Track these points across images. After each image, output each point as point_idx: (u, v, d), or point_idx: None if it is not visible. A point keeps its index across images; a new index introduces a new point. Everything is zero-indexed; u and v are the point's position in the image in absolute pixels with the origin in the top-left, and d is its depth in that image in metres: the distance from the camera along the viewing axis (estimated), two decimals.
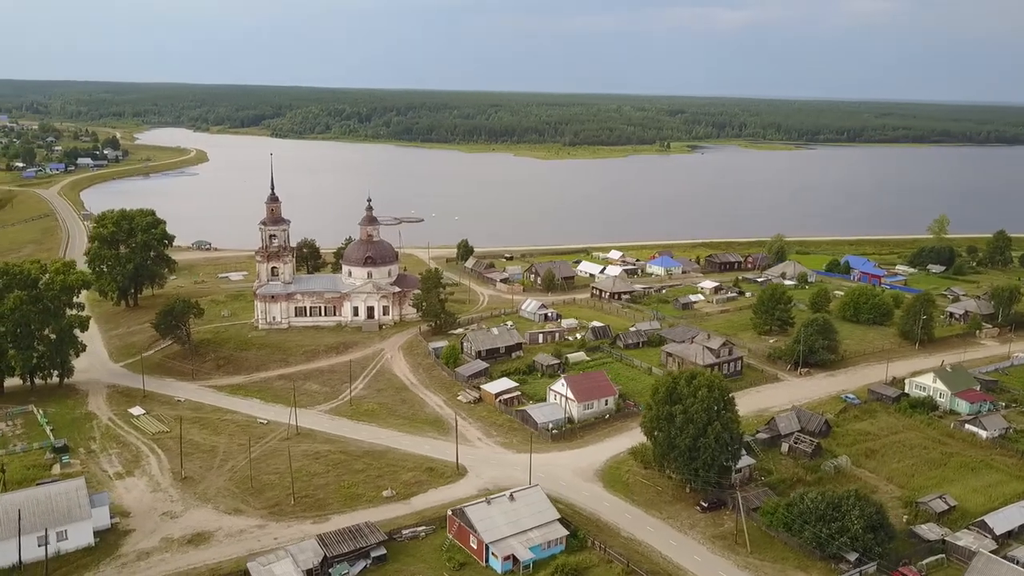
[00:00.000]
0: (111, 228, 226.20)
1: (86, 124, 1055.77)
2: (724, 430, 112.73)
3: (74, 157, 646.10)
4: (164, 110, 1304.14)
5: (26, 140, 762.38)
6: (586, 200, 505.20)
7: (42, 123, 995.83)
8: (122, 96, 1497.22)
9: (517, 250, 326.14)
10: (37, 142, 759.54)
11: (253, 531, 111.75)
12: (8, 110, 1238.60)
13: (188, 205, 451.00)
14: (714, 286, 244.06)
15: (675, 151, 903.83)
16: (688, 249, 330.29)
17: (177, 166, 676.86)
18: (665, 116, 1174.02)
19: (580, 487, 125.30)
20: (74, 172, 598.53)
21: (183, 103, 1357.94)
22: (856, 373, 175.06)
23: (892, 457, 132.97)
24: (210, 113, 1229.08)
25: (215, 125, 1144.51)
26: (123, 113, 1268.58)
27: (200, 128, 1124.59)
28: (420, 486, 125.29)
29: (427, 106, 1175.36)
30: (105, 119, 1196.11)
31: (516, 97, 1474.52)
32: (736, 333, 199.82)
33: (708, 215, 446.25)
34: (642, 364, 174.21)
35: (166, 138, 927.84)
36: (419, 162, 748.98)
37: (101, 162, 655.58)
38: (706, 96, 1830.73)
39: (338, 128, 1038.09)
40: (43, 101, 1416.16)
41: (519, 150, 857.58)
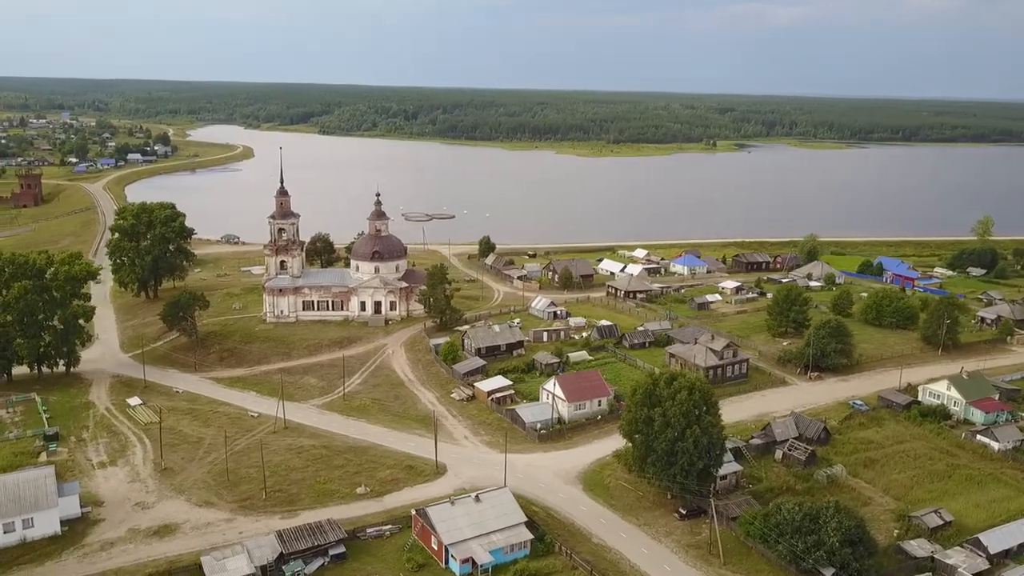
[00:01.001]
0: (131, 220, 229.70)
1: (142, 121, 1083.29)
2: (704, 434, 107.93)
3: (124, 153, 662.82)
4: (218, 107, 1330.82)
5: (82, 136, 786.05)
6: (620, 198, 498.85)
7: (100, 120, 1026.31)
8: (179, 94, 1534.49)
9: (542, 247, 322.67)
10: (93, 138, 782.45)
11: (220, 525, 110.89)
12: (71, 107, 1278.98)
13: (225, 200, 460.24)
14: (735, 286, 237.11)
15: (721, 149, 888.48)
16: (719, 248, 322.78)
17: (222, 162, 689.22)
18: (714, 114, 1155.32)
19: (559, 489, 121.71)
20: (123, 167, 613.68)
21: (236, 101, 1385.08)
22: (870, 379, 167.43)
23: (893, 467, 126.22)
24: (261, 110, 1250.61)
25: (266, 122, 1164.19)
26: (179, 111, 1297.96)
27: (251, 125, 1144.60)
28: (396, 484, 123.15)
29: (474, 104, 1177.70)
30: (161, 116, 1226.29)
31: (564, 95, 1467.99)
32: (750, 335, 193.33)
33: (744, 214, 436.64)
34: (645, 365, 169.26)
35: (217, 135, 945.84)
36: (460, 159, 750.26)
37: (150, 158, 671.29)
38: (757, 94, 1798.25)
39: (384, 125, 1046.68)
40: (104, 99, 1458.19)
41: (562, 148, 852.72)
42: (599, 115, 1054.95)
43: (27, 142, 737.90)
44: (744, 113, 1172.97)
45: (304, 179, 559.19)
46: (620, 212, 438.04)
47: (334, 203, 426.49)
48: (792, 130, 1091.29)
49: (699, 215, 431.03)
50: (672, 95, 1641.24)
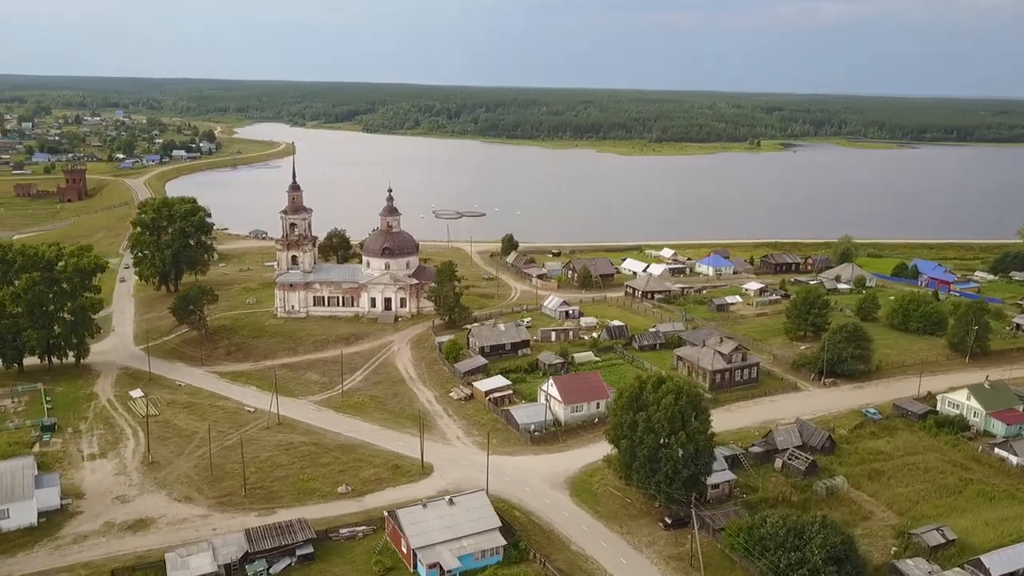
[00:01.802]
0: (151, 215, 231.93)
1: (192, 119, 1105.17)
2: (689, 441, 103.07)
3: (170, 149, 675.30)
4: (266, 106, 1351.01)
5: (132, 133, 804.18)
6: (654, 197, 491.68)
7: (151, 117, 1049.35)
8: (229, 92, 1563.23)
9: (567, 246, 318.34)
10: (142, 135, 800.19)
11: (195, 520, 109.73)
12: (125, 106, 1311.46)
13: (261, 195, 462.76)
14: (758, 288, 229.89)
15: (766, 149, 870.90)
16: (751, 249, 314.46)
17: (264, 159, 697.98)
18: (761, 113, 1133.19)
19: (545, 494, 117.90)
20: (167, 163, 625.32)
21: (284, 99, 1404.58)
22: (889, 386, 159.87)
23: (900, 480, 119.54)
24: (308, 109, 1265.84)
25: (311, 120, 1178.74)
26: (228, 109, 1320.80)
27: (297, 123, 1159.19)
28: (379, 484, 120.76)
29: (517, 103, 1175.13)
30: (211, 114, 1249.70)
31: (610, 94, 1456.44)
32: (767, 338, 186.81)
33: (780, 214, 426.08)
34: (652, 367, 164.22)
35: (263, 132, 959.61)
36: (497, 158, 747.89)
37: (194, 154, 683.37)
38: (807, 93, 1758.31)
39: (427, 124, 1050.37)
40: (158, 98, 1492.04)
41: (602, 146, 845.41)
42: (643, 114, 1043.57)
43: (79, 139, 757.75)
44: (792, 112, 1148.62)
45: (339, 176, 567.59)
46: (653, 211, 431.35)
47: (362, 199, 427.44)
48: (841, 129, 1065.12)
49: (734, 215, 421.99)
50: (719, 94, 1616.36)
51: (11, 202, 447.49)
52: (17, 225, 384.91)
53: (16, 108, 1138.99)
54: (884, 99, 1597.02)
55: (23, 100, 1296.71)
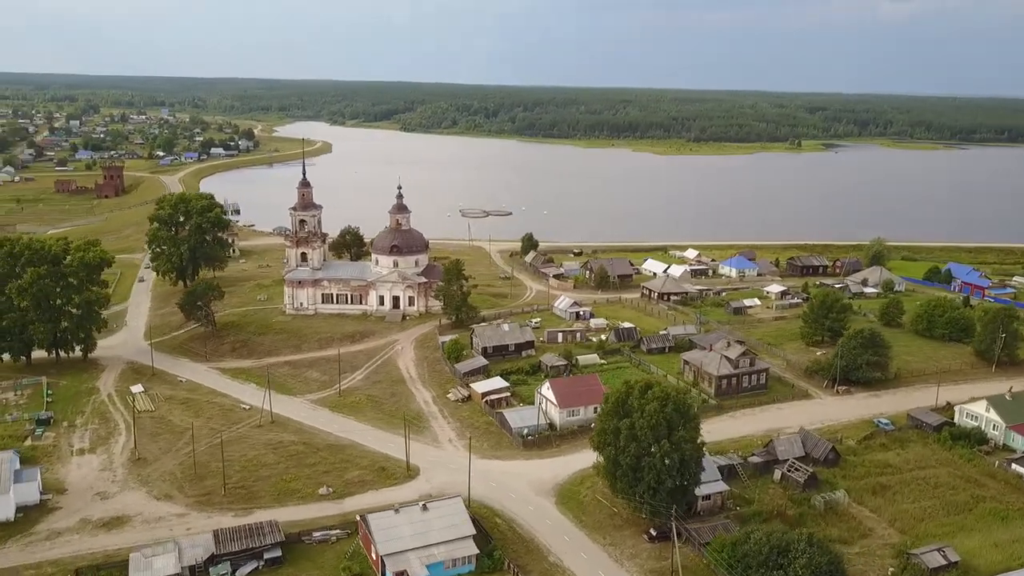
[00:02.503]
0: (168, 210, 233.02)
1: (234, 118, 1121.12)
2: (674, 450, 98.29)
3: (208, 147, 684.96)
4: (307, 105, 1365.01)
5: (173, 131, 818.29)
6: (685, 196, 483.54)
7: (193, 116, 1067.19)
8: (271, 91, 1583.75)
9: (590, 245, 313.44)
10: (184, 133, 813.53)
11: (171, 519, 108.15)
12: (171, 104, 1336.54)
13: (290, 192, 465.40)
14: (779, 290, 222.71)
15: (807, 149, 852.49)
16: (780, 251, 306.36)
17: (299, 157, 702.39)
18: (804, 113, 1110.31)
19: (530, 501, 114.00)
20: (205, 161, 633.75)
21: (325, 98, 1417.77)
22: (906, 395, 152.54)
23: (907, 496, 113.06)
24: (348, 108, 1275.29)
25: (350, 119, 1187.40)
26: (270, 108, 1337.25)
27: (336, 122, 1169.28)
28: (361, 486, 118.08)
29: (555, 102, 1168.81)
30: (254, 112, 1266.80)
31: (650, 93, 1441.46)
32: (783, 343, 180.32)
33: (813, 215, 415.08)
34: (658, 371, 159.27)
35: (302, 131, 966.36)
36: (531, 156, 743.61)
37: (232, 152, 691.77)
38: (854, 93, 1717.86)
39: (464, 123, 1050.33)
40: (203, 96, 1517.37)
41: (639, 146, 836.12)
42: (681, 113, 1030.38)
43: (123, 137, 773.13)
44: (836, 112, 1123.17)
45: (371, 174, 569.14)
46: (682, 211, 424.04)
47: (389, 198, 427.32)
48: (886, 130, 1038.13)
49: (766, 216, 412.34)
50: (761, 93, 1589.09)
51: (51, 198, 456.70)
52: (54, 220, 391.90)
53: (67, 106, 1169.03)
54: (933, 99, 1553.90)
55: (74, 99, 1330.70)
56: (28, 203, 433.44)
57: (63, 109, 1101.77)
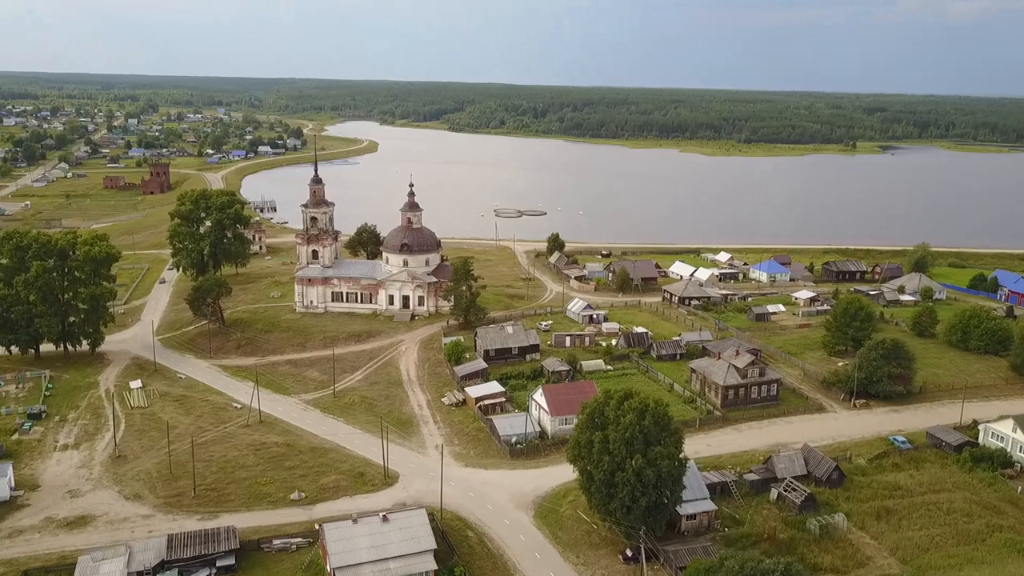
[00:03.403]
0: (189, 206, 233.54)
1: (287, 116, 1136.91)
2: (649, 466, 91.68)
3: (256, 145, 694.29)
4: (359, 104, 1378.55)
5: (224, 130, 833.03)
6: (726, 197, 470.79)
7: (247, 115, 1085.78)
8: (326, 91, 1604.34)
9: (620, 247, 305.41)
10: (236, 132, 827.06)
11: (136, 520, 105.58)
12: (228, 104, 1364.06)
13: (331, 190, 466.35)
14: (808, 296, 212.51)
15: (862, 151, 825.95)
16: (819, 255, 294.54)
17: (344, 155, 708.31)
18: (861, 114, 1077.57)
19: (507, 514, 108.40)
20: (252, 159, 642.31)
21: (377, 98, 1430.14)
22: (929, 411, 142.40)
23: (914, 522, 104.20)
24: (398, 107, 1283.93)
25: (400, 119, 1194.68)
26: (323, 107, 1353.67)
27: (386, 121, 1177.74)
28: (336, 492, 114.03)
29: (604, 102, 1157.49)
30: (307, 112, 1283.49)
31: (702, 93, 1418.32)
32: (804, 352, 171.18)
33: (857, 219, 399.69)
34: (665, 379, 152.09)
35: (352, 130, 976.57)
36: (575, 156, 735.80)
37: (279, 150, 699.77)
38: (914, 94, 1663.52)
39: (512, 123, 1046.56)
40: (260, 96, 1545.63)
41: (687, 146, 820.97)
42: (732, 114, 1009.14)
43: (176, 135, 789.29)
44: (895, 113, 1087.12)
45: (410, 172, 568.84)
46: (720, 213, 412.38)
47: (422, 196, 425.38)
48: (948, 132, 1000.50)
49: (807, 218, 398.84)
50: (818, 94, 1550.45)
51: (100, 193, 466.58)
52: (97, 215, 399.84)
53: (128, 105, 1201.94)
54: (999, 100, 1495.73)
55: (136, 98, 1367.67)
56: (77, 198, 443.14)
57: (124, 108, 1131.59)
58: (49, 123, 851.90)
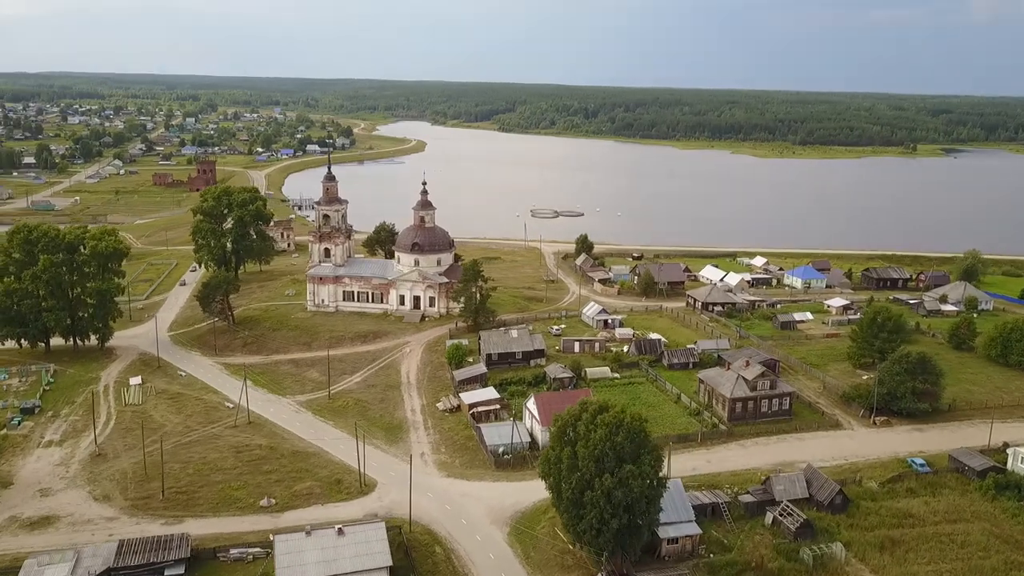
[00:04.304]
0: (211, 203, 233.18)
1: (341, 116, 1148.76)
2: (620, 486, 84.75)
3: (304, 144, 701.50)
4: (413, 104, 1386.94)
5: (276, 129, 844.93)
6: (772, 200, 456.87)
7: (300, 114, 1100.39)
8: (381, 92, 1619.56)
9: (652, 249, 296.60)
10: (288, 131, 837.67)
11: (99, 523, 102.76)
12: (284, 103, 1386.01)
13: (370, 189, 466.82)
14: (842, 304, 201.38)
15: (922, 154, 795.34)
16: (864, 261, 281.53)
17: (391, 155, 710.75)
18: (924, 116, 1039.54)
19: (480, 529, 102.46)
20: (300, 157, 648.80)
21: (431, 98, 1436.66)
22: (956, 431, 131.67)
23: (923, 555, 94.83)
24: (451, 108, 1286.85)
25: (452, 119, 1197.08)
26: (376, 107, 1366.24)
27: (438, 122, 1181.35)
28: (308, 499, 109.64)
29: (658, 103, 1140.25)
30: (361, 112, 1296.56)
31: (758, 94, 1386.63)
32: (827, 364, 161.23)
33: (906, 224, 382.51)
34: (673, 389, 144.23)
35: (403, 130, 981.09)
36: (623, 157, 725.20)
37: (327, 150, 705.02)
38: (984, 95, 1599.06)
39: (562, 123, 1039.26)
40: (316, 96, 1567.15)
41: (739, 148, 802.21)
42: (790, 115, 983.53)
43: (230, 134, 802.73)
44: (961, 115, 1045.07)
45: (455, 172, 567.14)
46: (763, 216, 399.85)
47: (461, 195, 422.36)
48: (1018, 134, 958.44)
49: (853, 222, 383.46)
50: (880, 95, 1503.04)
51: (148, 190, 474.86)
52: (142, 211, 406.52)
53: (188, 105, 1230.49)
54: None
55: (197, 98, 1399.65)
56: (126, 194, 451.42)
57: (184, 107, 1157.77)
58: (111, 121, 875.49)
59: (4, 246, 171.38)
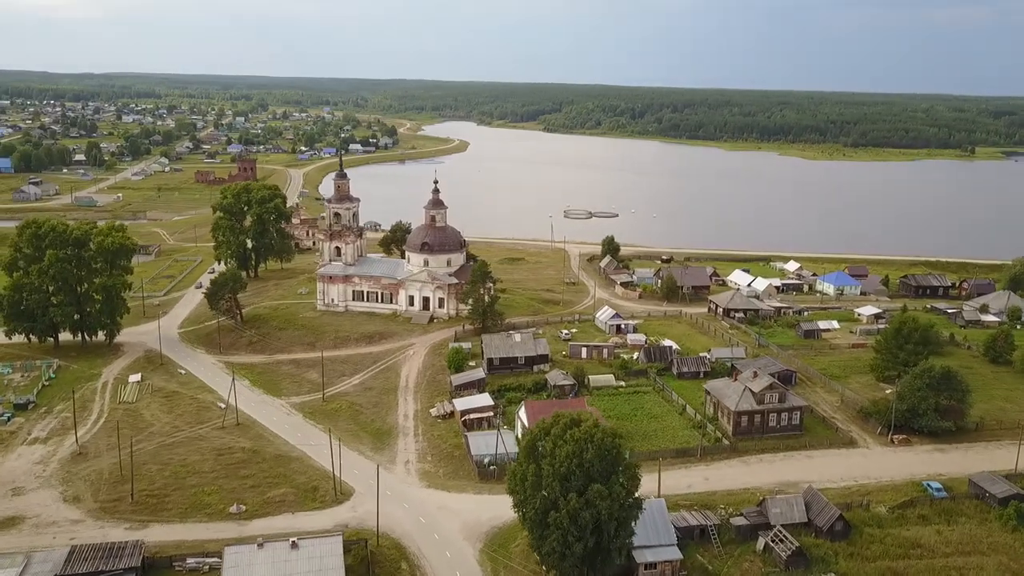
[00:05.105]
0: (230, 199, 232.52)
1: (388, 116, 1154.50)
2: (587, 507, 78.64)
3: (347, 144, 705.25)
4: (460, 105, 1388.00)
5: (324, 128, 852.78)
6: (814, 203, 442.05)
7: (347, 114, 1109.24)
8: (429, 92, 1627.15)
9: (684, 252, 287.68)
10: (332, 130, 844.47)
11: (63, 526, 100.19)
12: (335, 103, 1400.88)
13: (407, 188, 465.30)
14: (873, 313, 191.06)
15: (981, 157, 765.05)
16: (905, 267, 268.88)
17: (432, 155, 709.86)
18: (986, 118, 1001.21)
19: (452, 545, 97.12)
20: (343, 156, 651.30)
21: (478, 99, 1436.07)
22: (981, 453, 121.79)
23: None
24: (497, 108, 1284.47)
25: (498, 119, 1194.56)
26: (424, 107, 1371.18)
27: (484, 122, 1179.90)
28: (279, 507, 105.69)
29: (707, 103, 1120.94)
30: (408, 112, 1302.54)
31: (812, 95, 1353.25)
32: (849, 376, 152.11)
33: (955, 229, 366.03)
34: (679, 400, 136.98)
35: (448, 130, 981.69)
36: (667, 158, 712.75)
37: (369, 149, 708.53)
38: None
39: (608, 124, 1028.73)
40: (366, 96, 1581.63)
41: (788, 150, 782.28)
42: (842, 116, 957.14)
43: (277, 133, 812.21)
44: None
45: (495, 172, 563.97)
46: (802, 218, 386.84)
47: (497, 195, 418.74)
48: None
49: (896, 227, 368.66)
50: (939, 96, 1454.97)
51: (190, 187, 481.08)
52: (181, 208, 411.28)
53: (241, 104, 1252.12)
54: None
55: (250, 97, 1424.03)
56: (167, 191, 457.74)
57: (236, 107, 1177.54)
58: (163, 120, 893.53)
59: (15, 240, 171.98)
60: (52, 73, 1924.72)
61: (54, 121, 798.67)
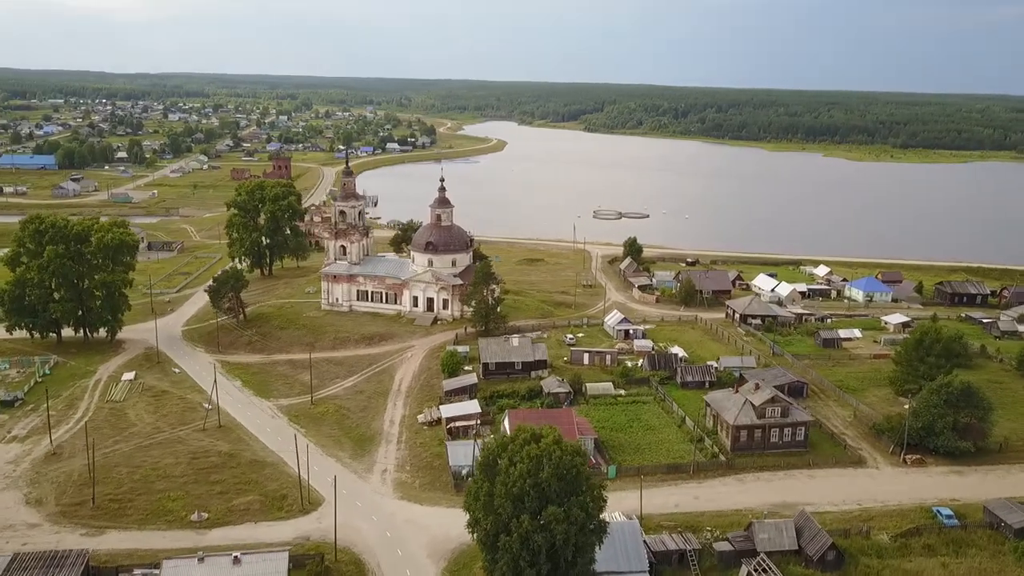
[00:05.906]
0: (244, 196, 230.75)
1: (430, 116, 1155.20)
2: (540, 530, 72.49)
3: (385, 142, 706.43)
4: (502, 105, 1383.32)
5: (364, 127, 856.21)
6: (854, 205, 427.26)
7: (388, 113, 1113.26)
8: (472, 92, 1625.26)
9: (711, 254, 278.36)
10: (372, 129, 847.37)
11: (19, 530, 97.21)
12: (379, 103, 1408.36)
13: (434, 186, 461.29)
14: (900, 321, 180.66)
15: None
16: (945, 273, 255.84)
17: (469, 154, 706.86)
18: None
19: (413, 563, 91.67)
20: (378, 155, 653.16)
21: (520, 99, 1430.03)
22: (1004, 477, 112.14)
23: None
24: (539, 108, 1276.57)
25: (539, 119, 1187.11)
26: (467, 107, 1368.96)
27: (525, 122, 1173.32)
28: (243, 515, 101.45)
29: (752, 103, 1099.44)
30: (450, 112, 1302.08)
31: (862, 96, 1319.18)
32: (867, 388, 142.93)
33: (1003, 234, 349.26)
34: (679, 411, 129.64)
35: (488, 130, 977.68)
36: (708, 158, 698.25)
37: (406, 148, 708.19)
38: None
39: (649, 123, 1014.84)
40: (409, 96, 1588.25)
41: (833, 151, 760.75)
42: (892, 117, 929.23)
43: (317, 131, 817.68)
44: None
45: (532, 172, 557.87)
46: (840, 221, 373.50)
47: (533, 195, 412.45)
48: None
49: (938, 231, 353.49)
50: (998, 97, 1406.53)
51: (225, 184, 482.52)
52: (213, 204, 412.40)
53: (286, 103, 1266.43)
54: None
55: (295, 97, 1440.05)
56: (203, 189, 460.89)
57: (281, 106, 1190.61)
58: (208, 119, 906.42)
59: (18, 235, 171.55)
60: (108, 73, 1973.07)
61: (103, 119, 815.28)
